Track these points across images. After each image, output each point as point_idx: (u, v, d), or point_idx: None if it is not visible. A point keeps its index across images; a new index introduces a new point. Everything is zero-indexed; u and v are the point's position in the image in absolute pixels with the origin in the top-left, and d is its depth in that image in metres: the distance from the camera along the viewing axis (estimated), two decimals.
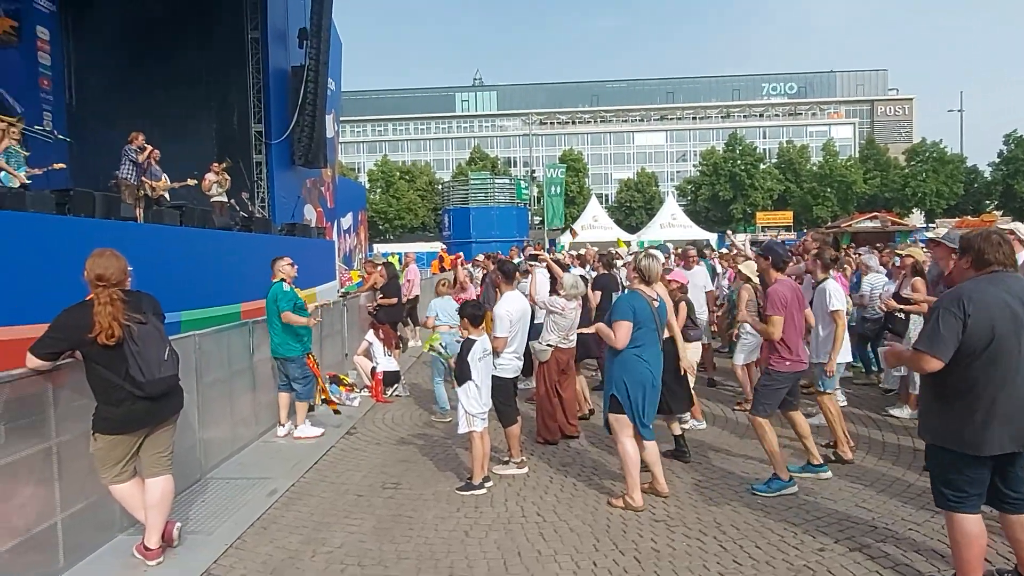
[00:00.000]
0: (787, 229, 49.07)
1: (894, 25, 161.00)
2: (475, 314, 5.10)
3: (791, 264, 6.55)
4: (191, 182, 12.08)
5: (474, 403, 4.93)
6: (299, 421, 6.54)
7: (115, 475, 3.64)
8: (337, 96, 23.39)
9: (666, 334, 5.12)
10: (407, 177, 65.06)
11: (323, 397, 7.29)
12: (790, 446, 5.48)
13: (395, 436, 6.69)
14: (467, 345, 5.00)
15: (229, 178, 13.05)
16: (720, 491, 4.89)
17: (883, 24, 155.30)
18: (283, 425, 6.56)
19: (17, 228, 6.42)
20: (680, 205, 45.90)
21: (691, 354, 6.57)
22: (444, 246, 28.80)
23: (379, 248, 42.46)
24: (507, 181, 40.53)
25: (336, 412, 7.20)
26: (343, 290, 14.97)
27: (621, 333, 4.51)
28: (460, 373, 4.97)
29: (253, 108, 17.20)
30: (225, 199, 12.71)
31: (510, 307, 5.31)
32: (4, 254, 6.07)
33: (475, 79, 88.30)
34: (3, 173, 8.46)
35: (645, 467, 4.70)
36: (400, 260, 20.30)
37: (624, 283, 8.52)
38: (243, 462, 5.80)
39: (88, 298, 3.49)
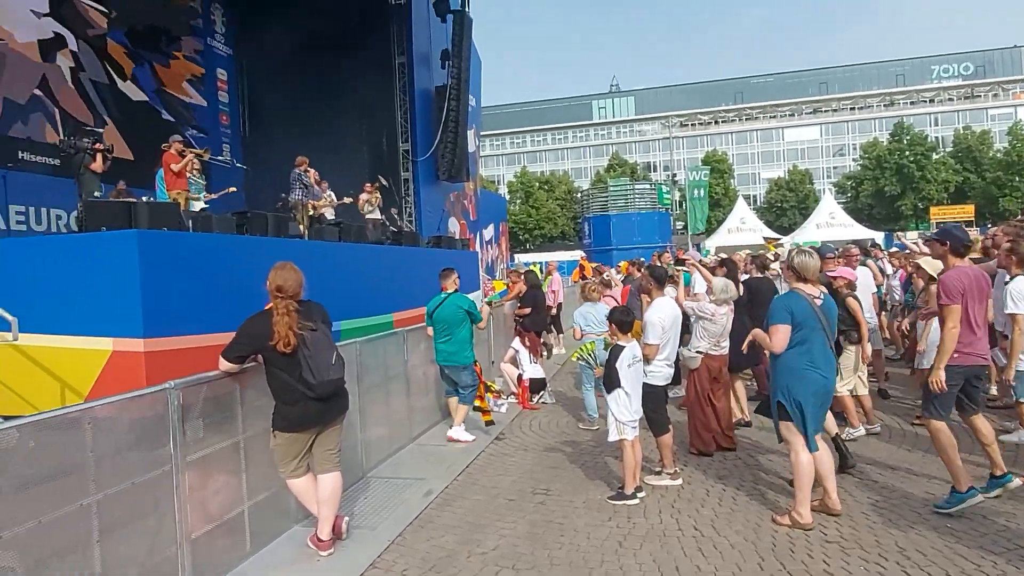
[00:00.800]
0: (968, 224, 44.13)
1: None
2: (623, 320, 5.01)
3: (984, 263, 5.86)
4: (347, 200, 13.02)
5: (624, 411, 4.84)
6: (456, 423, 6.77)
7: (291, 470, 3.94)
8: (477, 112, 24.20)
9: None
10: (546, 187, 65.86)
11: (478, 405, 7.47)
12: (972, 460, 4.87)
13: (543, 442, 6.72)
14: (615, 352, 4.92)
15: (380, 196, 13.88)
16: (900, 512, 4.43)
17: None
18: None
19: (207, 247, 7.21)
20: (839, 203, 42.80)
21: (850, 359, 6.08)
22: (584, 254, 28.74)
23: (520, 258, 43.28)
24: (647, 186, 39.86)
25: (490, 423, 7.31)
26: (487, 299, 15.40)
27: (777, 338, 4.24)
28: (609, 380, 4.90)
29: (400, 128, 18.24)
30: (378, 215, 13.53)
31: (661, 313, 5.17)
32: (197, 270, 6.80)
33: (612, 85, 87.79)
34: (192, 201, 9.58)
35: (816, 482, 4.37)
36: (542, 269, 20.55)
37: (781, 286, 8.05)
38: (399, 463, 6.08)
39: (268, 307, 3.83)
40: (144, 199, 9.46)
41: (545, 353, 10.80)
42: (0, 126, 11.54)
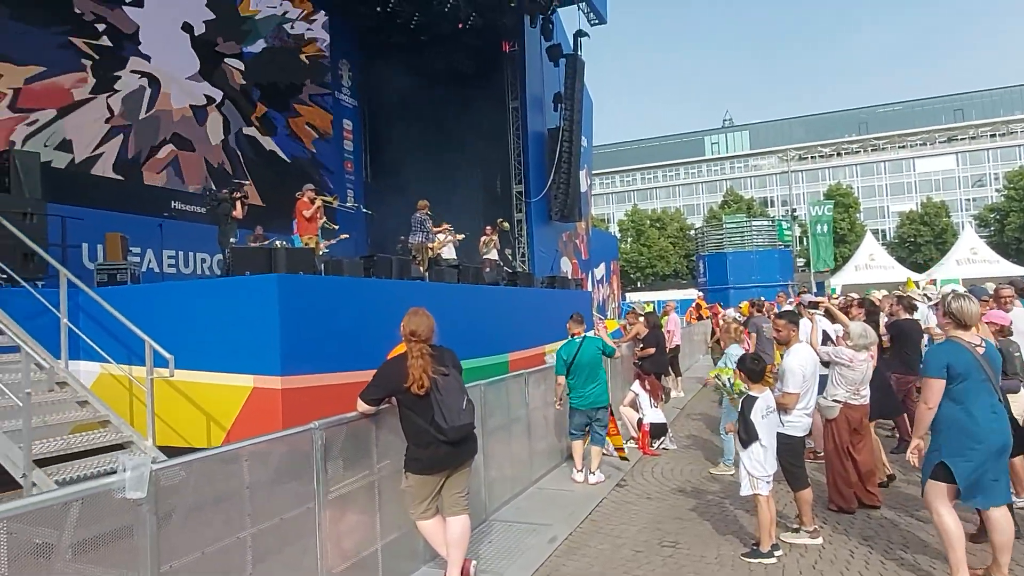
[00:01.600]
0: None
1: None
2: (754, 369, 4.77)
3: None
4: (460, 237, 13.45)
5: (758, 465, 4.57)
6: (594, 467, 6.71)
7: (421, 512, 4.00)
8: (589, 152, 24.40)
9: None
10: (658, 224, 64.93)
11: (613, 445, 7.38)
12: None
13: (666, 490, 6.48)
14: (748, 403, 4.67)
15: (497, 238, 14.21)
16: None
17: None
18: (579, 471, 6.76)
19: (337, 289, 7.63)
20: (981, 237, 39.25)
21: (1016, 406, 5.45)
22: (700, 293, 27.90)
23: (631, 296, 42.64)
24: (766, 223, 38.28)
25: (624, 459, 7.27)
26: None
27: (929, 393, 3.90)
28: (744, 434, 4.66)
29: (514, 170, 18.70)
30: (495, 257, 13.84)
31: (802, 359, 4.88)
32: (328, 311, 7.18)
33: (725, 120, 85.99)
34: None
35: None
36: (656, 308, 20.14)
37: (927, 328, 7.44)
38: (521, 507, 6.03)
39: (398, 350, 3.96)
40: (279, 243, 10.21)
41: (663, 397, 10.47)
42: (158, 179, 12.90)
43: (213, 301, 6.91)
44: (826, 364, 5.65)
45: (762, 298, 14.40)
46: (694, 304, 22.41)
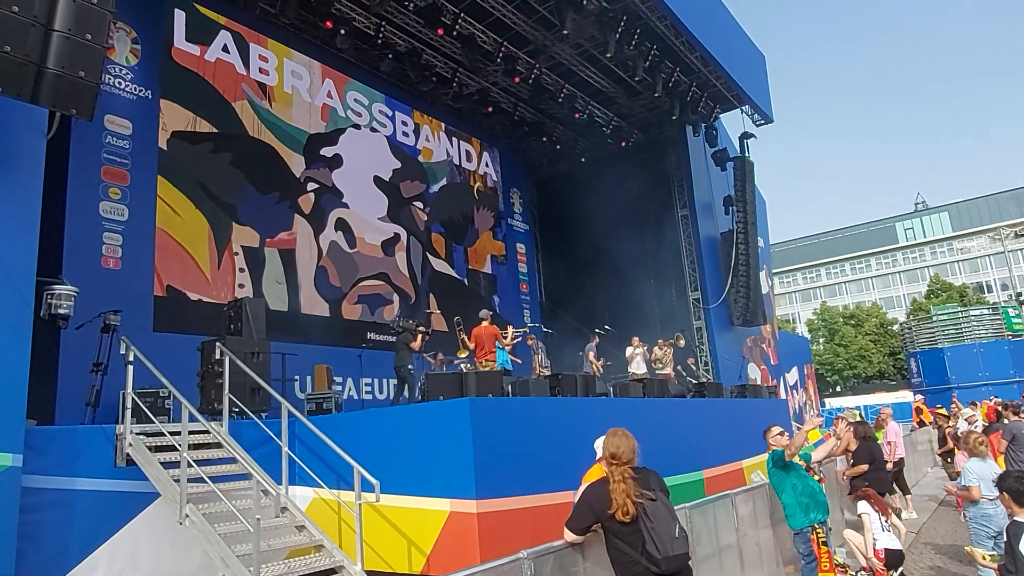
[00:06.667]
0: None
1: None
2: (1020, 489, 3.99)
3: None
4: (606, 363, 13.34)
5: None
6: None
7: None
8: (767, 252, 23.43)
9: None
10: (852, 322, 59.57)
11: None
12: None
13: None
14: (1014, 530, 3.87)
15: (670, 351, 13.76)
16: None
17: None
18: None
19: (526, 409, 7.66)
20: None
21: None
22: (920, 396, 24.70)
23: (832, 402, 38.81)
24: (986, 311, 33.77)
25: None
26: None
27: None
28: (1012, 568, 3.83)
29: (689, 277, 18.32)
30: (669, 371, 13.37)
31: None
32: (518, 432, 7.19)
33: (917, 203, 79.17)
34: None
35: None
36: (864, 415, 18.06)
37: None
38: None
39: (593, 471, 3.79)
40: (464, 368, 10.63)
41: (896, 513, 9.08)
42: (356, 312, 14.21)
43: (411, 426, 7.22)
44: None
45: (993, 397, 12.43)
46: (914, 407, 19.85)
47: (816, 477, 7.16)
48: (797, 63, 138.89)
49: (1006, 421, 9.54)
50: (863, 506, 7.38)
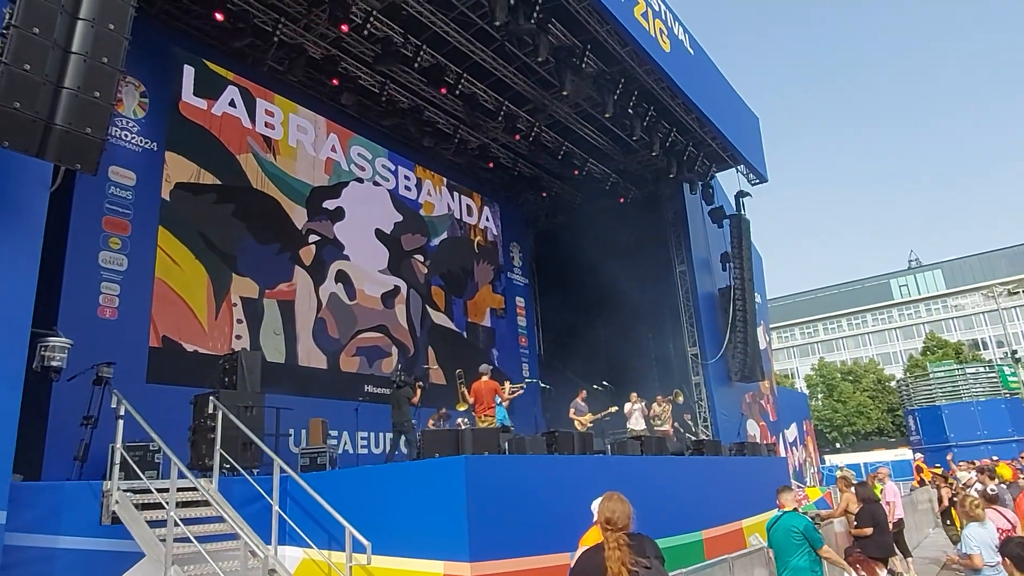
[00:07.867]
0: None
1: None
2: (1022, 555, 3.90)
3: None
4: (613, 409, 13.12)
5: None
6: None
7: None
8: (764, 308, 23.48)
9: None
10: (850, 377, 59.26)
11: None
12: None
13: None
14: None
15: (669, 407, 13.66)
16: None
17: None
18: None
19: (521, 468, 7.55)
20: None
21: None
22: (920, 455, 24.41)
23: (832, 459, 38.29)
24: (982, 368, 33.69)
25: None
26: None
27: None
28: None
29: (687, 332, 18.30)
30: (668, 427, 13.23)
31: None
32: (513, 491, 7.06)
33: (910, 261, 79.84)
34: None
35: None
36: (860, 473, 17.80)
37: None
38: None
39: (591, 533, 3.70)
40: (461, 422, 10.51)
41: None
42: (353, 364, 14.11)
43: (405, 484, 7.10)
44: None
45: (993, 456, 12.26)
46: (915, 465, 19.58)
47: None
48: (792, 123, 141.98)
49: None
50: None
